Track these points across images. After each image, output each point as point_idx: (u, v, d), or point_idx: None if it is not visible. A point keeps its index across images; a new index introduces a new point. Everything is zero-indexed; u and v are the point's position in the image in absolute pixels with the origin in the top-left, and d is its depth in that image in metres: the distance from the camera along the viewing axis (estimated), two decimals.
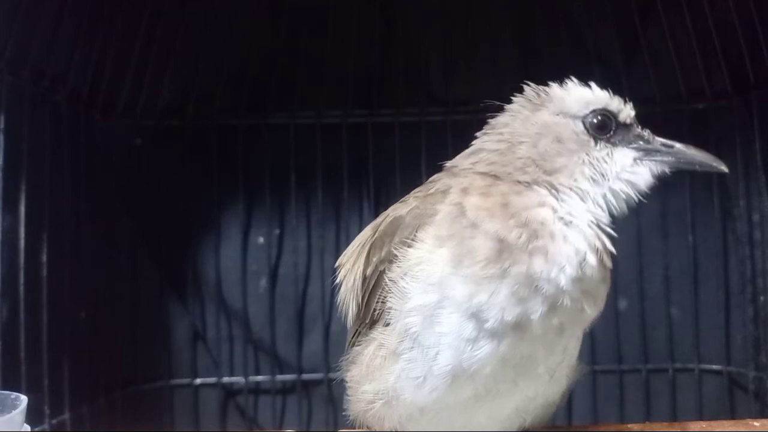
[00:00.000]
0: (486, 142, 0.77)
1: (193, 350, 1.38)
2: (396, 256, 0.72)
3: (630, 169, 0.75)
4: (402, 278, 0.71)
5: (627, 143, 0.76)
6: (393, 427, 0.76)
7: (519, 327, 0.68)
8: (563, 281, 0.68)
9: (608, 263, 0.73)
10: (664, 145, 0.76)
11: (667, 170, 0.76)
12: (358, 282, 0.79)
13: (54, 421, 1.08)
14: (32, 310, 1.04)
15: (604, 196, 0.74)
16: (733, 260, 1.32)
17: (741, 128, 1.26)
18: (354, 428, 0.83)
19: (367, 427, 0.80)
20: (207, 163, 1.36)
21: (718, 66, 1.26)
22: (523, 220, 0.69)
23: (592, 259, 0.70)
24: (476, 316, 0.68)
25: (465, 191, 0.72)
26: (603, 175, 0.74)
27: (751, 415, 1.20)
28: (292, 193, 1.38)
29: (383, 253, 0.75)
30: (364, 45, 1.35)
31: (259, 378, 1.38)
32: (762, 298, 1.24)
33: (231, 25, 1.34)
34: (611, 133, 0.75)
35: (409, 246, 0.72)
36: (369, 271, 0.77)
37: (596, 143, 0.74)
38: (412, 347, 0.71)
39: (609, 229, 0.73)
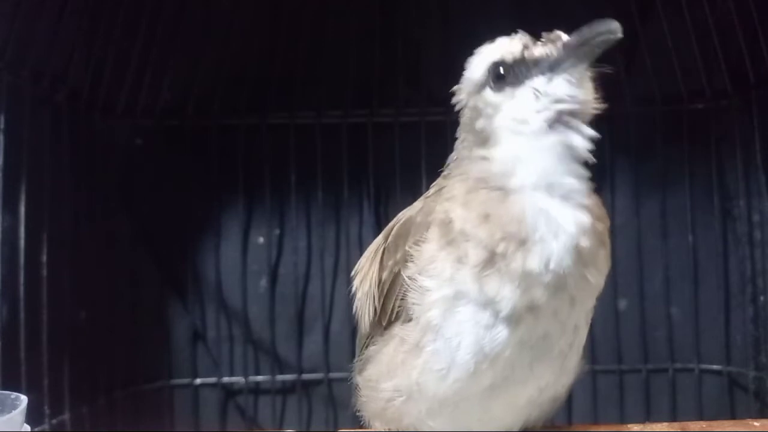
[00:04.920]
0: (458, 149, 0.79)
1: (193, 350, 1.38)
2: (412, 255, 0.74)
3: (547, 97, 0.70)
4: (419, 274, 0.73)
5: (530, 75, 0.71)
6: (410, 423, 0.77)
7: (532, 309, 0.70)
8: (561, 269, 0.69)
9: (600, 227, 0.72)
10: (565, 46, 0.70)
11: (587, 63, 0.70)
12: (374, 286, 0.80)
13: (54, 421, 1.08)
14: (32, 310, 1.04)
15: (547, 146, 0.70)
16: (733, 260, 1.32)
17: (741, 128, 1.26)
18: (367, 428, 0.83)
19: (386, 426, 0.80)
20: (207, 163, 1.36)
21: (718, 66, 1.26)
22: (507, 234, 0.69)
23: (585, 241, 0.70)
24: (491, 306, 0.69)
25: (450, 200, 0.73)
26: (527, 120, 0.71)
27: (751, 415, 1.20)
28: (292, 193, 1.37)
29: (398, 256, 0.76)
30: (364, 45, 1.35)
31: (259, 378, 1.38)
32: (762, 298, 1.24)
33: (231, 25, 1.34)
34: (510, 75, 0.72)
35: (423, 243, 0.73)
36: (384, 275, 0.78)
37: (504, 95, 0.72)
38: (435, 339, 0.72)
39: (590, 201, 0.71)
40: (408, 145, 1.34)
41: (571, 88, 0.70)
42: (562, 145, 0.71)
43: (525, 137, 0.71)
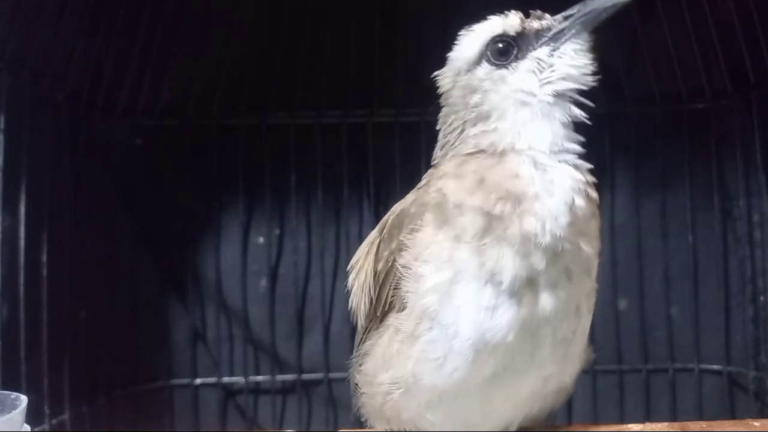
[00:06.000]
0: (443, 135, 0.80)
1: (193, 350, 1.38)
2: (406, 244, 0.74)
3: (551, 67, 0.74)
4: (414, 261, 0.73)
5: (533, 47, 0.74)
6: (410, 418, 0.76)
7: (532, 282, 0.70)
8: (558, 230, 0.69)
9: (593, 195, 0.74)
10: (566, 18, 0.74)
11: (587, 33, 0.74)
12: (370, 277, 0.80)
13: (54, 421, 1.08)
14: (32, 310, 1.04)
15: (552, 114, 0.73)
16: (733, 260, 1.32)
17: (741, 128, 1.26)
18: (369, 428, 0.83)
19: (386, 423, 0.79)
20: (207, 163, 1.36)
21: (718, 66, 1.26)
22: (504, 193, 0.70)
23: (580, 202, 0.71)
24: (491, 281, 0.69)
25: (441, 178, 0.74)
26: (533, 92, 0.73)
27: (751, 415, 1.20)
28: (292, 193, 1.37)
29: (393, 246, 0.76)
30: (364, 45, 1.35)
31: (259, 378, 1.38)
32: (762, 298, 1.24)
33: (231, 25, 1.34)
34: (515, 50, 0.75)
35: (417, 231, 0.74)
36: (380, 266, 0.78)
37: (507, 68, 0.75)
38: (431, 327, 0.72)
39: (583, 162, 0.74)
40: (408, 145, 1.34)
41: (574, 58, 0.73)
42: (567, 115, 0.74)
43: (531, 108, 0.73)
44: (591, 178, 0.75)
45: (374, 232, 0.83)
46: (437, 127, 0.82)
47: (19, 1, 1.00)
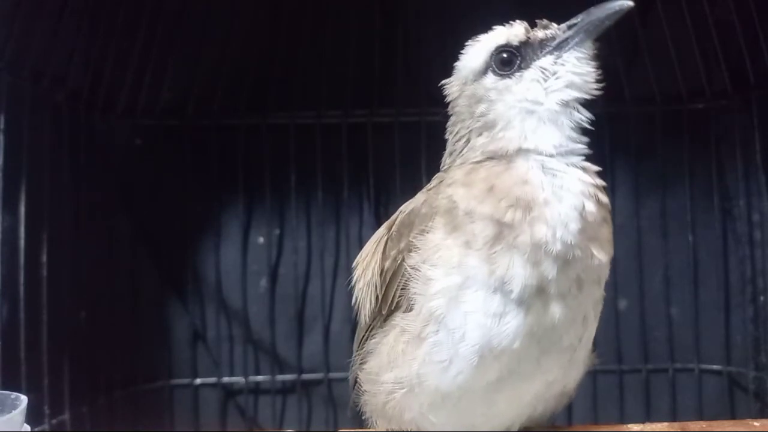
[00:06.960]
0: (451, 143, 0.81)
1: (193, 350, 1.38)
2: (416, 245, 0.74)
3: (556, 76, 0.74)
4: (423, 263, 0.73)
5: (537, 56, 0.75)
6: (412, 418, 0.76)
7: (542, 291, 0.70)
8: (569, 237, 0.69)
9: (604, 199, 0.74)
10: (569, 27, 0.75)
11: (590, 41, 0.74)
12: (376, 276, 0.80)
13: (54, 421, 1.08)
14: (32, 310, 1.04)
15: (559, 120, 0.74)
16: (733, 260, 1.32)
17: (741, 128, 1.26)
18: (370, 427, 0.83)
19: (387, 422, 0.79)
20: (207, 163, 1.36)
21: (718, 66, 1.26)
22: (513, 200, 0.70)
23: (590, 206, 0.71)
24: (500, 290, 0.69)
25: (451, 185, 0.74)
26: (539, 101, 0.74)
27: (751, 415, 1.20)
28: (292, 193, 1.38)
29: (402, 245, 0.76)
30: (364, 45, 1.35)
31: (259, 378, 1.38)
32: (762, 298, 1.25)
33: (231, 25, 1.34)
34: (519, 60, 0.75)
35: (427, 232, 0.74)
36: (387, 264, 0.78)
37: (512, 78, 0.75)
38: (438, 330, 0.72)
39: (591, 165, 0.75)
40: (408, 145, 1.34)
41: (577, 66, 0.74)
42: (572, 120, 0.74)
43: (537, 116, 0.74)
44: (600, 182, 0.75)
45: (382, 230, 0.83)
46: (445, 136, 0.82)
47: (19, 1, 1.00)
